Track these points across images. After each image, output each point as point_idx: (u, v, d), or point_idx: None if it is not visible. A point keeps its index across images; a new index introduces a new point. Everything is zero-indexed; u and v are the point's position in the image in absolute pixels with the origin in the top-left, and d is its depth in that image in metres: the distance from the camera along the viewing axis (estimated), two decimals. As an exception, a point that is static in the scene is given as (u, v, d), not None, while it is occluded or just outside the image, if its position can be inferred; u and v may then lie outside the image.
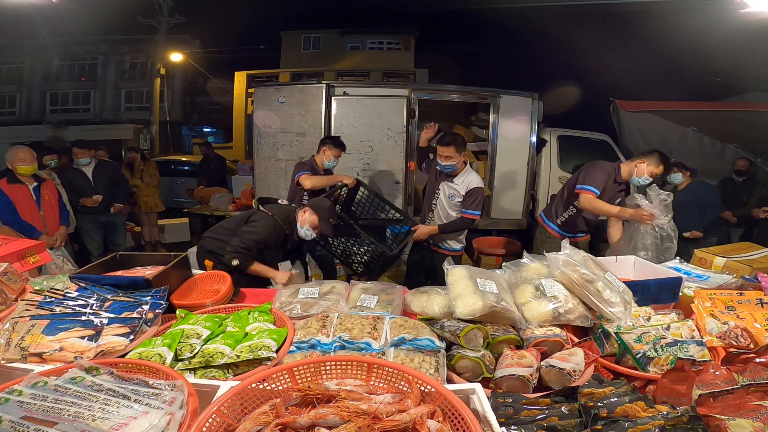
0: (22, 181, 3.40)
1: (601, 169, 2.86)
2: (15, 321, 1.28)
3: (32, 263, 1.94)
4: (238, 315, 1.47)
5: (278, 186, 4.93)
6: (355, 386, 0.95)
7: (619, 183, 2.86)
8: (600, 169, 2.86)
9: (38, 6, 5.84)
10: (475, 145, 5.72)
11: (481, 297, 1.37)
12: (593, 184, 2.80)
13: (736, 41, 6.40)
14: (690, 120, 6.05)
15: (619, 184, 2.86)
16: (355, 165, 4.81)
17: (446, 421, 0.87)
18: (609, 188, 2.83)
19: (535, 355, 1.21)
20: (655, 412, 0.94)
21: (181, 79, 20.39)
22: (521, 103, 5.03)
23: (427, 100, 5.03)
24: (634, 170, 2.80)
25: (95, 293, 1.48)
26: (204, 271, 2.16)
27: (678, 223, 2.76)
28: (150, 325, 1.38)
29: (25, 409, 0.82)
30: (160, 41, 14.01)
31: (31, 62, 18.18)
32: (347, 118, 4.76)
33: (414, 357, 1.19)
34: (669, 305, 1.66)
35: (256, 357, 1.16)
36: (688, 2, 7.68)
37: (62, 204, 3.75)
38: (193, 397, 0.90)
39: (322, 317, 1.41)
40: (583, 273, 1.45)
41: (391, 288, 1.69)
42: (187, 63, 16.92)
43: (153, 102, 14.25)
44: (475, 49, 18.73)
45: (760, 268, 2.03)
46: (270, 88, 5.01)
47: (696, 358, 1.25)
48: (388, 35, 18.28)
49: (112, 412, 0.83)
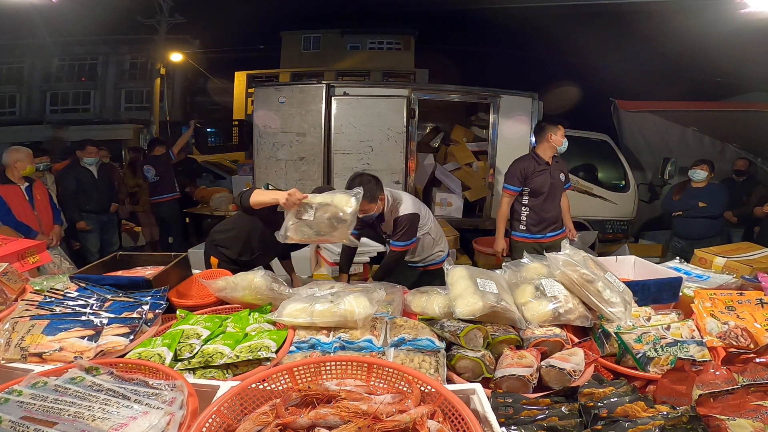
0: (14, 181, 3.40)
1: (514, 165, 3.20)
2: (15, 321, 1.28)
3: (32, 263, 1.94)
4: (238, 315, 1.47)
5: (278, 186, 4.93)
6: (355, 386, 0.95)
7: (540, 164, 3.12)
8: (513, 165, 3.20)
9: (38, 6, 5.84)
10: (475, 145, 5.72)
11: (481, 297, 1.37)
12: (510, 182, 3.16)
13: (736, 41, 6.40)
14: (690, 120, 6.05)
15: (540, 165, 3.12)
16: (355, 165, 4.81)
17: (446, 422, 0.87)
18: (531, 175, 3.10)
19: (535, 355, 1.21)
20: (655, 412, 0.94)
21: (181, 79, 20.37)
22: (521, 103, 5.02)
23: (427, 100, 5.03)
24: (552, 144, 3.11)
25: (95, 293, 1.49)
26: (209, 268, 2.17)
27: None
28: (150, 325, 1.38)
29: (25, 410, 0.82)
30: (160, 41, 13.98)
31: (31, 62, 18.18)
32: (347, 118, 4.76)
33: (414, 357, 1.19)
34: (669, 305, 1.66)
35: (255, 357, 1.16)
36: (688, 2, 7.67)
37: (53, 203, 3.77)
38: (193, 398, 0.89)
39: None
40: (583, 273, 1.45)
41: (391, 288, 1.69)
42: (187, 63, 16.90)
43: (153, 102, 14.23)
44: (475, 49, 18.74)
45: (760, 268, 2.03)
46: (270, 88, 5.01)
47: (696, 358, 1.25)
48: (388, 35, 18.31)
49: (112, 412, 0.83)
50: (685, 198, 4.03)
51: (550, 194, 3.13)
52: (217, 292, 1.60)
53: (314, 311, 1.33)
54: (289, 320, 1.35)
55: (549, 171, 3.13)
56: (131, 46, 18.40)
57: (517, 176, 3.11)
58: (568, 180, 3.32)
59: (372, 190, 2.26)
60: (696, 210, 3.93)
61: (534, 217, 3.15)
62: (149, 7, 13.54)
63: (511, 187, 3.15)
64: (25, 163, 3.40)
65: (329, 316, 1.32)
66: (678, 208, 4.06)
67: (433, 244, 2.77)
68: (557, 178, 3.17)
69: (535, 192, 3.12)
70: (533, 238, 3.17)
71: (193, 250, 3.84)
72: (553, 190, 3.14)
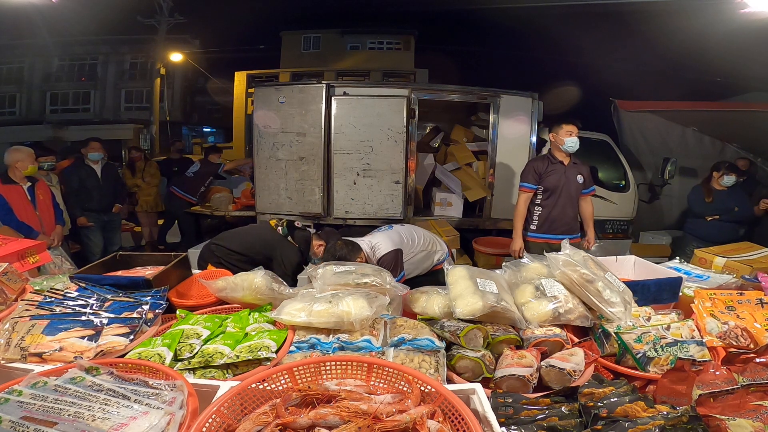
0: (16, 181, 3.40)
1: (528, 164, 3.29)
2: (15, 321, 1.28)
3: (32, 263, 1.94)
4: (238, 315, 1.47)
5: (278, 186, 4.93)
6: (355, 386, 0.95)
7: (554, 163, 3.16)
8: (528, 164, 3.29)
9: (38, 6, 5.85)
10: (475, 145, 5.72)
11: (481, 297, 1.37)
12: (525, 180, 3.19)
13: (736, 41, 6.40)
14: (690, 120, 6.04)
15: (554, 164, 3.16)
16: (355, 165, 4.81)
17: (446, 422, 0.87)
18: (544, 173, 3.14)
19: (535, 355, 1.21)
20: (655, 412, 0.94)
21: (181, 79, 20.40)
22: (521, 103, 5.02)
23: (427, 100, 5.02)
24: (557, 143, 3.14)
25: (95, 293, 1.48)
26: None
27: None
28: (150, 325, 1.38)
29: (25, 409, 0.82)
30: (160, 41, 14.00)
31: (31, 62, 18.20)
32: (347, 118, 4.75)
33: (414, 357, 1.19)
34: (669, 305, 1.66)
35: (255, 357, 1.16)
36: (688, 2, 7.67)
37: (56, 203, 3.77)
38: (193, 397, 0.89)
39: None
40: (583, 273, 1.45)
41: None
42: (187, 63, 16.92)
43: (153, 102, 14.24)
44: (475, 49, 18.76)
45: (760, 268, 2.03)
46: (270, 88, 5.00)
47: (696, 358, 1.25)
48: (388, 35, 18.30)
49: (112, 413, 0.83)
50: (718, 201, 3.90)
51: (564, 194, 3.12)
52: (217, 292, 1.60)
53: (312, 311, 1.33)
54: (288, 319, 1.35)
55: (564, 171, 3.12)
56: (131, 46, 18.42)
57: (531, 174, 3.14)
58: (589, 184, 3.27)
59: (349, 255, 2.39)
60: (731, 214, 3.85)
61: (546, 216, 3.15)
62: (149, 7, 13.56)
63: (527, 184, 3.16)
64: (27, 162, 3.39)
65: (326, 317, 1.31)
66: (713, 211, 3.92)
67: (426, 257, 2.85)
68: (573, 179, 3.15)
69: (548, 191, 3.13)
70: (544, 238, 3.15)
71: (193, 251, 3.84)
72: (567, 191, 3.12)
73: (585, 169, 3.26)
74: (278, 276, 1.74)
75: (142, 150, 6.34)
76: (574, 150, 3.12)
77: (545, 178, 3.12)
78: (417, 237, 2.80)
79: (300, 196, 4.92)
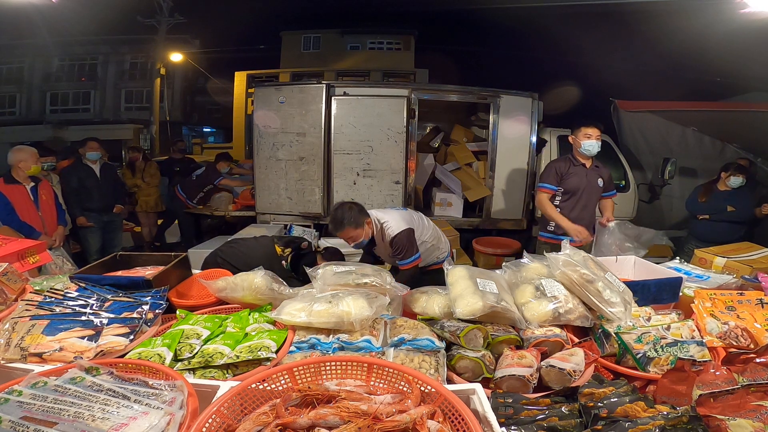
0: (20, 181, 3.40)
1: (550, 164, 3.28)
2: (15, 321, 1.28)
3: (32, 263, 1.94)
4: (238, 315, 1.47)
5: (278, 186, 4.94)
6: (355, 386, 0.95)
7: (576, 165, 3.14)
8: (549, 165, 3.28)
9: (38, 6, 5.85)
10: (475, 145, 5.72)
11: (481, 297, 1.37)
12: (546, 180, 3.17)
13: (736, 41, 6.40)
14: (690, 120, 6.03)
15: (576, 165, 3.14)
16: (355, 165, 4.81)
17: (446, 422, 0.87)
18: (565, 174, 3.12)
19: (535, 355, 1.21)
20: (655, 412, 0.94)
21: (181, 79, 20.42)
22: (521, 103, 5.03)
23: (427, 100, 5.03)
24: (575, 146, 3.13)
25: (95, 293, 1.48)
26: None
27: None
28: (150, 325, 1.38)
29: (24, 410, 0.82)
30: (160, 41, 14.01)
31: (31, 62, 18.22)
32: (347, 118, 4.76)
33: (414, 357, 1.19)
34: (669, 305, 1.66)
35: (255, 357, 1.16)
36: (688, 2, 7.67)
37: (58, 204, 3.76)
38: (193, 398, 0.89)
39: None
40: (584, 273, 1.45)
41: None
42: (187, 63, 16.92)
43: (153, 102, 14.25)
44: (475, 49, 18.75)
45: (760, 268, 2.03)
46: (270, 88, 5.01)
47: (696, 358, 1.25)
48: (388, 35, 18.31)
49: (111, 413, 0.83)
50: (712, 201, 3.91)
51: (583, 197, 3.10)
52: (217, 293, 1.60)
53: (312, 311, 1.33)
54: (288, 319, 1.35)
55: (585, 174, 3.10)
56: (131, 46, 18.43)
57: (553, 175, 3.13)
58: (610, 188, 3.25)
59: (355, 216, 2.31)
60: (724, 214, 3.85)
61: (565, 217, 3.09)
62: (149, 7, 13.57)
63: (548, 185, 3.14)
64: (29, 162, 3.39)
65: (326, 317, 1.31)
66: (705, 211, 3.95)
67: (432, 249, 2.78)
68: (593, 182, 3.12)
69: (568, 192, 3.11)
70: (560, 239, 3.09)
71: (193, 251, 3.84)
72: (587, 194, 3.10)
73: (606, 172, 3.23)
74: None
75: (142, 150, 6.32)
76: (591, 153, 3.09)
77: (566, 180, 3.09)
78: (427, 226, 2.75)
79: (300, 196, 4.93)
